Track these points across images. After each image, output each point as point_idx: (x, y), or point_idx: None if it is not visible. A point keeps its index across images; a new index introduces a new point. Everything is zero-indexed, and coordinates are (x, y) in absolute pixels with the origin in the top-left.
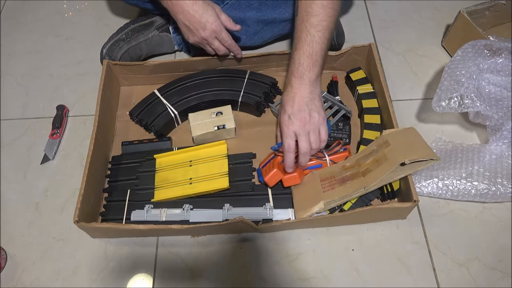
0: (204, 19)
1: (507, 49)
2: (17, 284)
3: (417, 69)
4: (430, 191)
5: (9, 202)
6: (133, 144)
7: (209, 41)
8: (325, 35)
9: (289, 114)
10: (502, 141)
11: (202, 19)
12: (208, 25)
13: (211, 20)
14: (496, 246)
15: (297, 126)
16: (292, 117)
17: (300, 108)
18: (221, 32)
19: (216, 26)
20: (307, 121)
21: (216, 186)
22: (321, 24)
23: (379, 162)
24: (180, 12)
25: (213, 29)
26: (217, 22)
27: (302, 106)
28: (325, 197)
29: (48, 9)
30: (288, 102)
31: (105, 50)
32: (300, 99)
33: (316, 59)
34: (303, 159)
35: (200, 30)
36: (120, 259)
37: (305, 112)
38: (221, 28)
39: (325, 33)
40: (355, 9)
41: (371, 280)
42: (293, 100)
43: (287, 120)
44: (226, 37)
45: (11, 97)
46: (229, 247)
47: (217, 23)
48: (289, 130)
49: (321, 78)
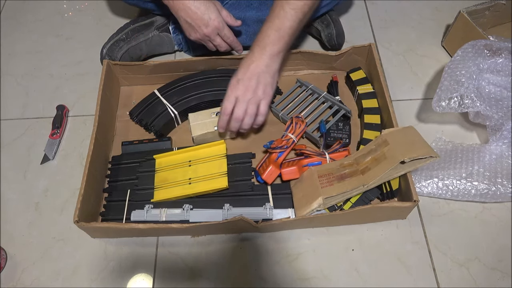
0: (207, 15)
1: (507, 49)
2: (17, 284)
3: (417, 69)
4: (430, 191)
5: (9, 202)
6: (133, 144)
7: (211, 38)
8: (297, 14)
9: (239, 78)
10: (502, 141)
11: (204, 15)
12: (210, 22)
13: (213, 16)
14: (496, 246)
15: (240, 92)
16: (240, 82)
17: (251, 76)
18: (224, 29)
19: (218, 23)
20: (252, 90)
21: (215, 186)
22: (296, 3)
23: (378, 161)
24: (182, 9)
25: (216, 26)
26: (220, 18)
27: (253, 76)
28: (324, 193)
29: (48, 9)
30: (243, 67)
31: (105, 50)
32: (255, 68)
33: (282, 35)
34: (233, 124)
35: (202, 26)
36: (120, 259)
37: (253, 81)
38: (223, 24)
39: (297, 13)
40: (355, 9)
41: (371, 280)
42: (247, 67)
43: (234, 84)
44: (228, 33)
45: (11, 97)
46: (229, 247)
47: (220, 19)
48: (232, 94)
49: (283, 56)
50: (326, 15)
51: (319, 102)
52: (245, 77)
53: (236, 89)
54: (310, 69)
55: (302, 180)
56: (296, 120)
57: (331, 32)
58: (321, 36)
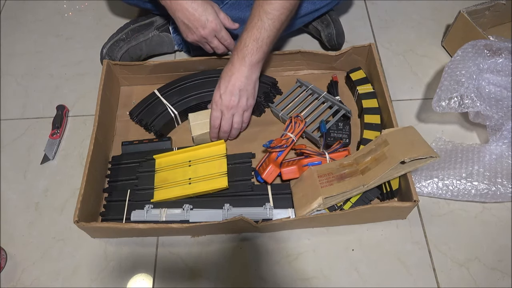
0: (204, 17)
1: (507, 49)
2: (17, 284)
3: (417, 69)
4: (430, 191)
5: (9, 202)
6: (133, 144)
7: (208, 40)
8: (275, 24)
9: (221, 93)
10: (502, 141)
11: (202, 17)
12: (208, 24)
13: (211, 18)
14: (496, 246)
15: (224, 106)
16: (222, 97)
17: (232, 91)
18: (221, 31)
19: (216, 25)
20: (234, 105)
21: (215, 186)
22: (273, 14)
23: (378, 161)
24: (179, 10)
25: (213, 28)
26: (217, 20)
27: (235, 90)
28: (324, 193)
29: (48, 9)
30: (225, 78)
31: (105, 50)
32: (236, 81)
33: (261, 45)
34: (222, 135)
35: (200, 28)
36: (120, 259)
37: (235, 96)
38: (220, 26)
39: (275, 23)
40: (355, 9)
41: (371, 280)
42: (229, 80)
43: (217, 99)
44: (225, 36)
45: (11, 97)
46: (229, 247)
47: (217, 21)
48: (217, 109)
49: (262, 64)
50: (326, 15)
51: (319, 102)
52: (227, 91)
53: (220, 104)
54: (310, 69)
55: (302, 180)
56: (296, 120)
57: (331, 32)
58: (321, 36)
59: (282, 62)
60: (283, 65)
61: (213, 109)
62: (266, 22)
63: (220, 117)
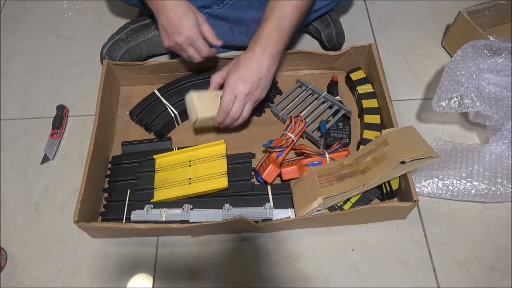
0: (182, 23)
1: (507, 49)
2: (17, 284)
3: (417, 69)
4: (430, 191)
5: (9, 202)
6: (133, 144)
7: (183, 47)
8: (296, 14)
9: (240, 76)
10: (502, 141)
11: (179, 23)
12: (183, 30)
13: (187, 26)
14: (496, 246)
15: (240, 92)
16: (240, 82)
17: (252, 79)
18: (197, 41)
19: (193, 34)
20: (251, 93)
21: (215, 186)
22: (295, 3)
23: (378, 161)
24: (162, 12)
25: (189, 36)
26: (195, 29)
27: (255, 78)
28: (324, 193)
29: (48, 9)
30: (245, 63)
31: (105, 50)
32: (257, 69)
33: (282, 36)
34: (228, 121)
35: (175, 34)
36: (120, 259)
37: (254, 84)
38: (197, 36)
39: (296, 13)
40: (355, 9)
41: (371, 280)
42: (250, 65)
43: (235, 82)
44: (202, 47)
45: (11, 97)
46: (229, 247)
47: (194, 30)
48: (232, 93)
49: (280, 56)
50: (326, 15)
51: (319, 102)
52: (246, 77)
53: (236, 89)
54: (310, 69)
55: (302, 180)
56: (295, 120)
57: (331, 32)
58: (321, 36)
59: (282, 62)
60: (283, 65)
61: (227, 92)
62: (288, 12)
63: (233, 102)
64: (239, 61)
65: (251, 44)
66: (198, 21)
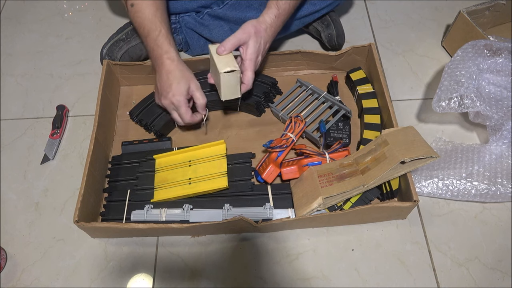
0: (170, 88)
1: (507, 49)
2: (17, 284)
3: (417, 69)
4: (430, 191)
5: (9, 202)
6: (133, 144)
7: (168, 110)
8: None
9: (260, 54)
10: (502, 141)
11: (168, 88)
12: (169, 96)
13: (174, 92)
14: (496, 246)
15: (256, 67)
16: (259, 59)
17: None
18: (179, 108)
19: (176, 101)
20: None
21: (215, 186)
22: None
23: (378, 161)
24: (157, 71)
25: (173, 102)
26: (180, 97)
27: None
28: (324, 193)
29: (48, 9)
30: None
31: (105, 50)
32: (264, 45)
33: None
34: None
35: (162, 96)
36: (120, 259)
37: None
38: (181, 104)
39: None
40: (355, 9)
41: (371, 280)
42: (259, 42)
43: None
44: (184, 115)
45: (11, 97)
46: (229, 246)
47: (179, 98)
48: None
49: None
50: (326, 15)
51: (319, 102)
52: (260, 53)
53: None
54: (310, 69)
55: (302, 180)
56: (295, 120)
57: (331, 32)
58: (321, 36)
59: (282, 62)
60: (283, 65)
61: (250, 70)
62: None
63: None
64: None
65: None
66: (190, 89)
